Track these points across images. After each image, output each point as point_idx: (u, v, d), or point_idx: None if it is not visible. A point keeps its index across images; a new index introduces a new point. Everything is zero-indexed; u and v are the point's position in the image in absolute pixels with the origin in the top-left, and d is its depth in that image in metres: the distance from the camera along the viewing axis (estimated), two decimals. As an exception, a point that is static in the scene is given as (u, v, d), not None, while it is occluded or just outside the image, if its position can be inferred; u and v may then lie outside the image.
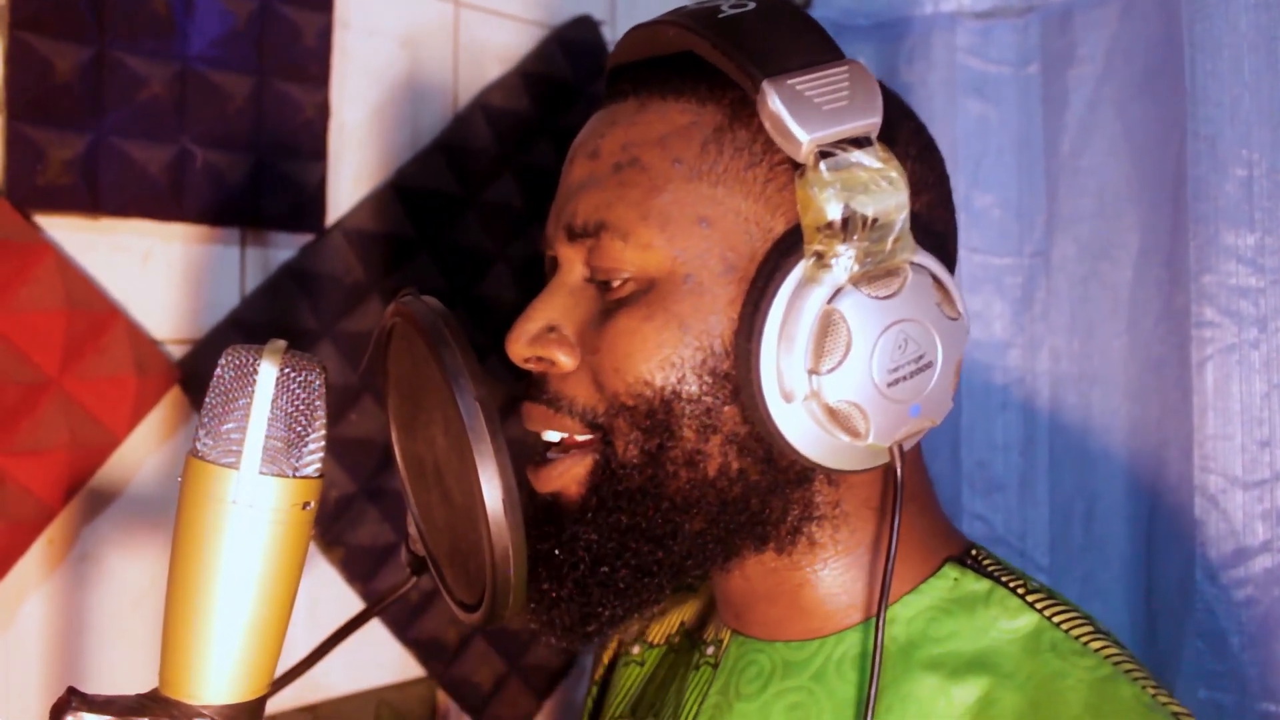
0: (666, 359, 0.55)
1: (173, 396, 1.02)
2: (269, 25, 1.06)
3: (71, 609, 0.96)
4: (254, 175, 1.05)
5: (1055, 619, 0.58)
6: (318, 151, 1.10)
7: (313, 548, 1.11)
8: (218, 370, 0.51)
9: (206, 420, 0.51)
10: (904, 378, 0.53)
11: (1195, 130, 1.03)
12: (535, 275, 1.27)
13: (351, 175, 1.14)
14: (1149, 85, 1.10)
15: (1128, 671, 0.56)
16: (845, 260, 0.51)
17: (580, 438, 0.59)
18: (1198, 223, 1.03)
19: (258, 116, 1.05)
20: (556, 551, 0.57)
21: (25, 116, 0.91)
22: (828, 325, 0.51)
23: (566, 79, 1.31)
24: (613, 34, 1.39)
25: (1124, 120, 1.13)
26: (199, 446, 0.51)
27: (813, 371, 0.52)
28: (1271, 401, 1.00)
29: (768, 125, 0.52)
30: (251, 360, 0.51)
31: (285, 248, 1.09)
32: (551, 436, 0.60)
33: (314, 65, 1.09)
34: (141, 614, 1.00)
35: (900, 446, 0.54)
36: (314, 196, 1.10)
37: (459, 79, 1.23)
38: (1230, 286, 1.01)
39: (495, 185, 1.24)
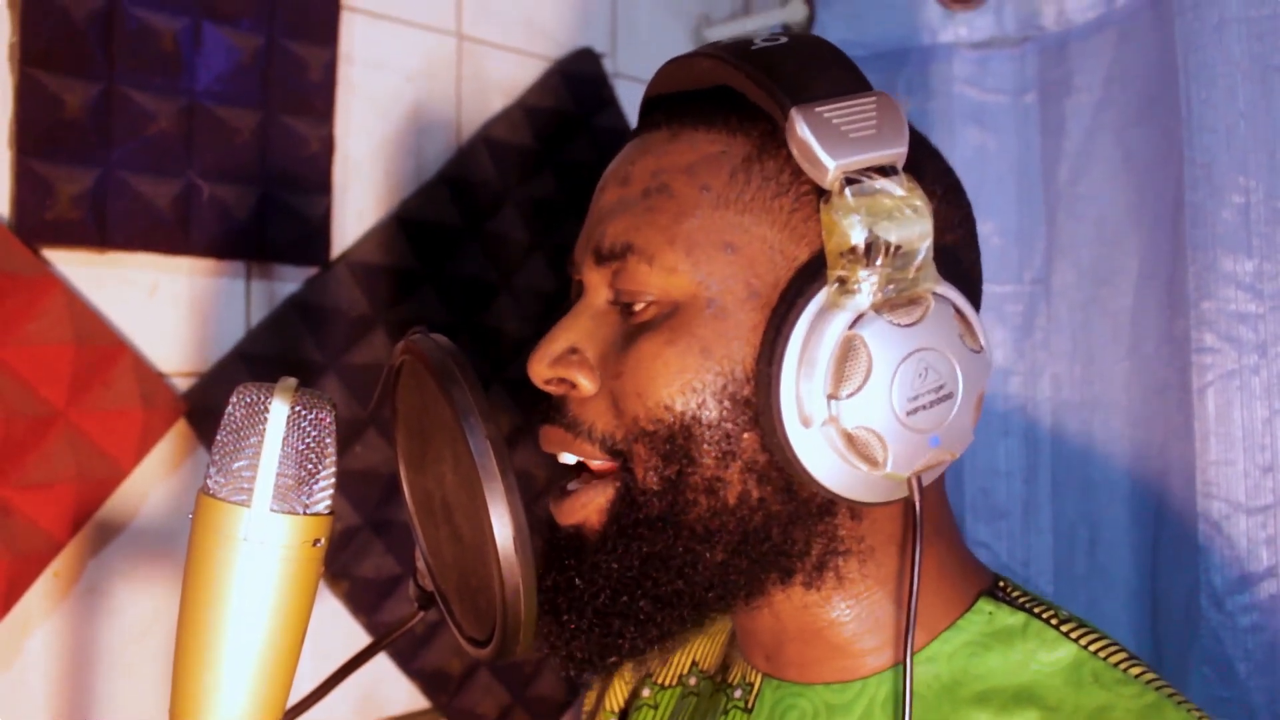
0: (688, 384, 0.55)
1: (179, 429, 1.02)
2: (275, 60, 1.07)
3: (78, 642, 0.96)
4: (259, 209, 1.06)
5: (1092, 648, 0.58)
6: (323, 185, 1.11)
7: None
8: (229, 408, 0.52)
9: (218, 458, 0.51)
10: (924, 407, 0.53)
11: (1192, 157, 1.04)
12: (540, 305, 1.28)
13: (356, 208, 1.15)
14: (1146, 113, 1.11)
15: (1170, 696, 0.55)
16: (868, 286, 0.51)
17: (597, 464, 0.59)
18: (1196, 249, 1.04)
19: (263, 150, 1.06)
20: (578, 581, 0.57)
21: (34, 152, 0.92)
22: (848, 350, 0.52)
23: (569, 111, 1.32)
24: (613, 66, 1.40)
25: (1122, 148, 1.14)
26: (210, 484, 0.51)
27: (832, 396, 0.52)
28: (1273, 427, 1.00)
29: (795, 151, 0.53)
30: (263, 398, 0.51)
31: (290, 280, 1.10)
32: (568, 459, 0.60)
33: (319, 99, 1.10)
34: (148, 647, 1.00)
35: (919, 479, 0.54)
36: (319, 229, 1.10)
37: (462, 112, 1.24)
38: (1230, 312, 1.02)
39: (499, 217, 1.25)
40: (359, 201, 1.15)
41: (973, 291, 0.60)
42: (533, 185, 1.28)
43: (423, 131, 1.20)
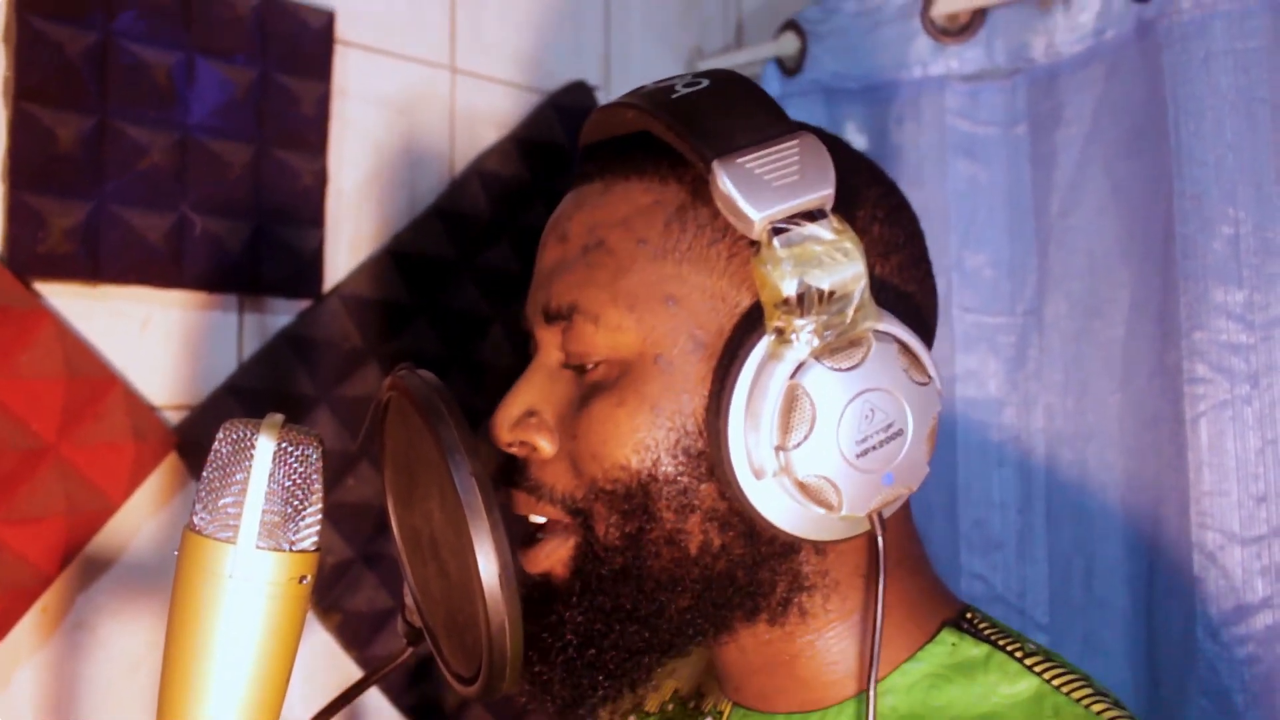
0: (640, 442, 0.55)
1: (170, 463, 1.02)
2: (268, 94, 1.07)
3: (65, 678, 0.96)
4: (252, 242, 1.06)
5: (1055, 681, 0.58)
6: (315, 218, 1.11)
7: (309, 614, 1.10)
8: (215, 444, 0.52)
9: (204, 495, 0.51)
10: (874, 447, 0.53)
11: (1182, 189, 1.05)
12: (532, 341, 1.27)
13: (349, 241, 1.15)
14: (1135, 145, 1.12)
15: None
16: (805, 335, 0.51)
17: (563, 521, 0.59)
18: (1187, 280, 1.04)
19: (256, 184, 1.06)
20: (544, 635, 0.57)
21: (27, 185, 0.92)
22: (792, 401, 0.52)
23: (561, 144, 1.32)
24: (606, 99, 1.41)
25: (1112, 179, 1.15)
26: (196, 521, 0.51)
27: (780, 448, 0.52)
28: (1266, 457, 1.00)
29: (720, 206, 0.53)
30: (249, 435, 0.51)
31: (283, 314, 1.10)
32: (539, 520, 0.60)
33: (312, 133, 1.11)
34: (136, 683, 0.99)
35: (879, 515, 0.54)
36: (311, 263, 1.11)
37: (455, 145, 1.24)
38: (1221, 343, 1.02)
39: (491, 250, 1.26)
40: (352, 234, 1.15)
41: (923, 313, 0.60)
42: (526, 217, 1.28)
43: (415, 164, 1.21)
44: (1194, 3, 1.04)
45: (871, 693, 0.54)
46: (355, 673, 1.13)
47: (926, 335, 0.60)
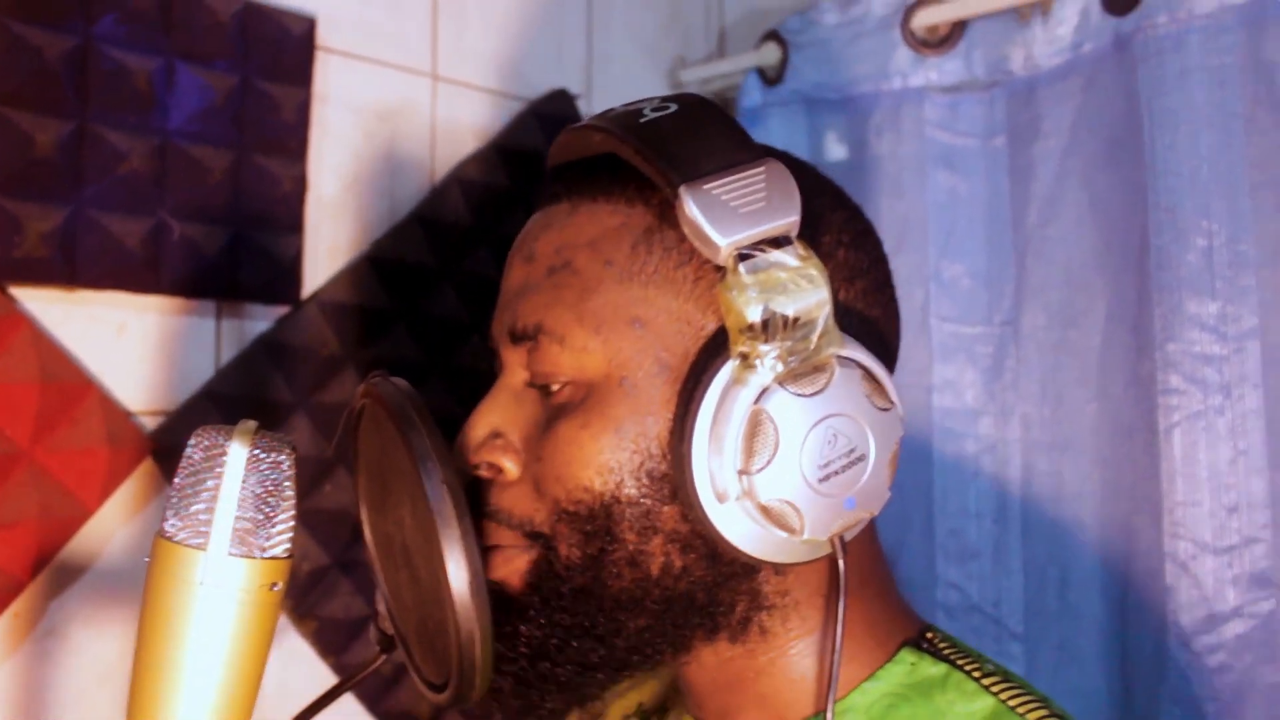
0: (604, 465, 0.55)
1: (145, 468, 1.01)
2: (248, 100, 1.07)
3: (35, 686, 0.95)
4: (231, 248, 1.06)
5: (1011, 702, 0.58)
6: (295, 224, 1.11)
7: (285, 620, 1.10)
8: (187, 450, 0.52)
9: (175, 501, 0.51)
10: (836, 472, 0.53)
11: (1157, 201, 1.06)
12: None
13: (328, 248, 1.15)
14: (1112, 157, 1.13)
15: None
16: (769, 360, 0.52)
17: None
18: (1161, 291, 1.05)
19: (236, 190, 1.06)
20: (497, 644, 0.57)
21: (4, 190, 0.92)
22: (755, 426, 0.52)
23: (542, 152, 1.33)
24: (588, 107, 1.41)
25: (1089, 191, 1.16)
26: (167, 528, 0.51)
27: (743, 472, 0.52)
28: (1238, 467, 1.01)
29: (687, 231, 0.53)
30: (221, 441, 0.51)
31: (261, 320, 1.10)
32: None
33: (292, 139, 1.11)
34: (108, 691, 0.98)
35: (841, 539, 0.54)
36: (290, 269, 1.10)
37: (436, 152, 1.24)
38: (1195, 354, 1.03)
39: (471, 257, 1.26)
40: (331, 241, 1.15)
41: (886, 338, 0.61)
42: (506, 225, 1.29)
43: (396, 171, 1.21)
44: (1170, 17, 1.05)
45: (829, 712, 0.54)
46: (331, 679, 1.12)
47: (889, 359, 0.61)
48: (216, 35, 1.05)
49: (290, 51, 1.10)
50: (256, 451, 0.51)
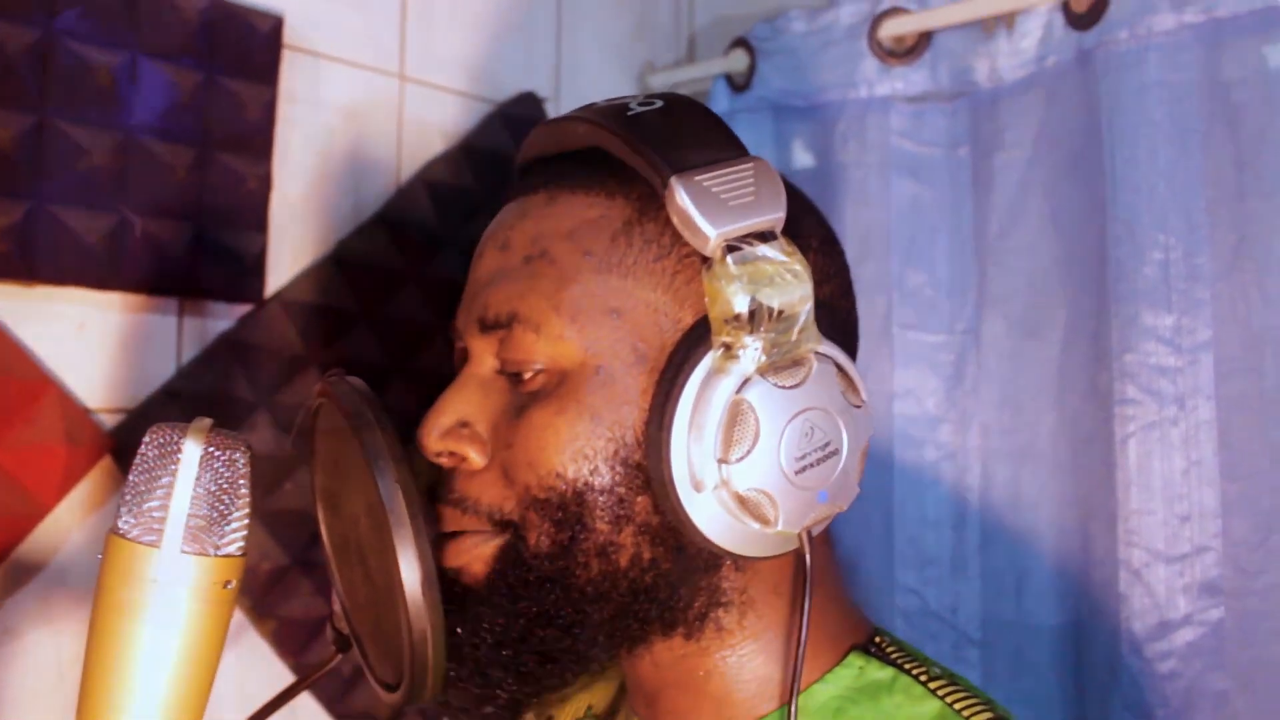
0: (579, 451, 0.56)
1: (104, 466, 1.01)
2: (213, 97, 1.07)
3: (-10, 685, 0.94)
4: (194, 245, 1.05)
5: (957, 705, 0.59)
6: (259, 223, 1.10)
7: (244, 619, 1.09)
8: (141, 448, 0.52)
9: (129, 498, 0.51)
10: (811, 465, 0.54)
11: (1115, 215, 1.07)
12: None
13: (292, 247, 1.14)
14: (1073, 170, 1.15)
15: None
16: (752, 351, 0.53)
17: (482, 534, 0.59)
18: (1119, 303, 1.07)
19: (199, 187, 1.06)
20: (458, 630, 0.57)
21: (-38, 184, 0.91)
22: (736, 415, 0.53)
23: (509, 154, 1.33)
24: (556, 110, 1.41)
25: (1050, 203, 1.17)
26: (120, 525, 0.51)
27: (722, 460, 0.53)
28: (1191, 477, 1.02)
29: (676, 220, 0.54)
30: (175, 438, 0.51)
31: (223, 318, 1.09)
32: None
33: (257, 138, 1.10)
34: (64, 692, 0.97)
35: (809, 533, 0.55)
36: (254, 267, 1.10)
37: (402, 153, 1.24)
38: (1150, 365, 1.04)
39: (437, 259, 1.26)
40: (295, 240, 1.15)
41: (849, 341, 0.62)
42: (472, 227, 1.28)
43: (362, 171, 1.21)
44: (1130, 34, 1.07)
45: (793, 706, 0.55)
46: (290, 679, 1.12)
47: (853, 360, 0.62)
48: (182, 31, 1.04)
49: (257, 49, 1.10)
50: (211, 449, 0.51)
